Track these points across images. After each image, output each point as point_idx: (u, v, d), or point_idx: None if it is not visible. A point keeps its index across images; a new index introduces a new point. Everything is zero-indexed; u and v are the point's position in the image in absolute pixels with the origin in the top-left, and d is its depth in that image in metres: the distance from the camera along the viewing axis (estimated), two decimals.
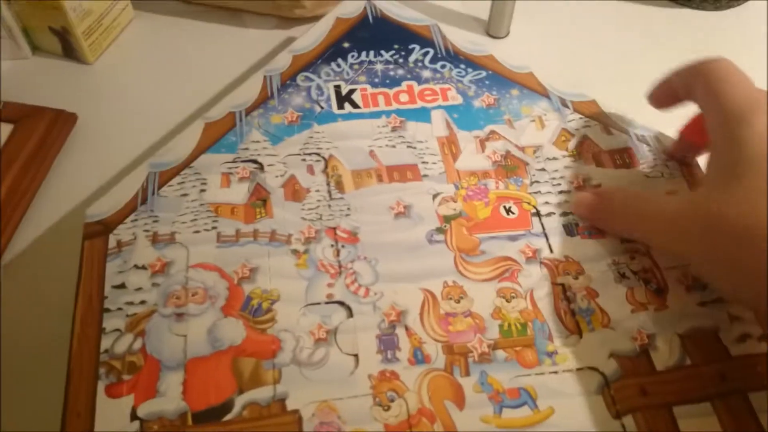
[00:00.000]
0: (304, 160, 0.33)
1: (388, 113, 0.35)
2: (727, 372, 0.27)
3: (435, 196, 0.32)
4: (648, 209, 0.28)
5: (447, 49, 0.39)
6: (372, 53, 0.38)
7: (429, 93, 0.36)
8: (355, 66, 0.38)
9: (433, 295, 0.29)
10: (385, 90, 0.37)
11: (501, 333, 0.28)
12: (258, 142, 0.34)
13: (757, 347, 0.27)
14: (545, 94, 0.37)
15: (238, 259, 0.29)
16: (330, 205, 0.31)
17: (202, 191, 0.32)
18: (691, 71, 0.30)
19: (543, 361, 0.27)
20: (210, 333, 0.27)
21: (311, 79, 0.37)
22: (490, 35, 0.46)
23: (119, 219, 0.30)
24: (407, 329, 0.27)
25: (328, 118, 0.35)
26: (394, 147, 0.34)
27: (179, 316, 0.27)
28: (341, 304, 0.28)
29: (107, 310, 0.27)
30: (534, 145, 0.34)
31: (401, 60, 0.38)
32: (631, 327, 0.28)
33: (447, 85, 0.37)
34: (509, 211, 0.32)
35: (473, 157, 0.34)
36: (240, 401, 0.25)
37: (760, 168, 0.24)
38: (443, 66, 0.38)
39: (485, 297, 0.29)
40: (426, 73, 0.38)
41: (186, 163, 0.33)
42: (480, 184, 0.33)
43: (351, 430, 0.25)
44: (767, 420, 0.25)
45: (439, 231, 0.31)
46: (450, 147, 0.34)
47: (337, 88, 0.37)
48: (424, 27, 0.40)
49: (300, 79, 0.37)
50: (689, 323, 0.28)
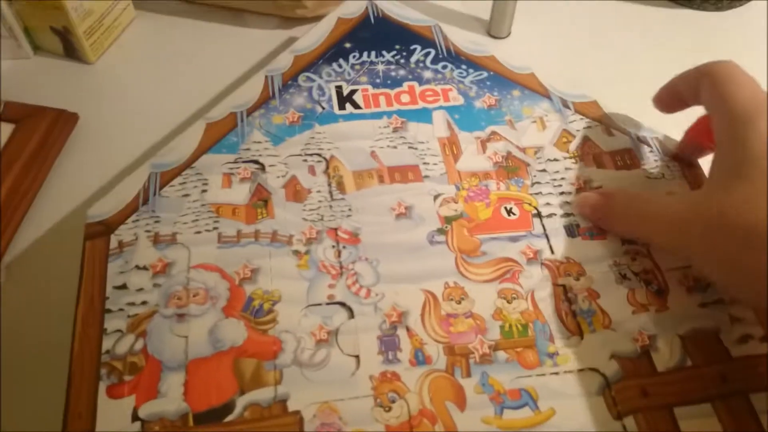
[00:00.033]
0: (305, 160, 0.33)
1: (389, 114, 0.35)
2: (728, 373, 0.27)
3: (436, 197, 0.32)
4: (649, 209, 0.28)
5: (448, 50, 0.39)
6: (373, 54, 0.38)
7: (430, 94, 0.36)
8: (357, 66, 0.38)
9: (434, 296, 0.29)
10: (387, 90, 0.37)
11: (502, 334, 0.28)
12: (259, 142, 0.34)
13: (758, 348, 0.27)
14: (546, 95, 0.37)
15: (239, 260, 0.29)
16: (331, 206, 0.31)
17: (203, 192, 0.32)
18: (697, 73, 0.30)
19: (544, 362, 0.27)
20: (211, 334, 0.27)
21: (312, 80, 0.37)
22: (491, 35, 0.46)
23: (120, 219, 0.30)
24: (408, 330, 0.28)
25: (329, 118, 0.35)
26: (395, 148, 0.34)
27: (180, 316, 0.27)
28: (342, 305, 0.28)
29: (108, 310, 0.27)
30: (535, 146, 0.34)
31: (402, 60, 0.38)
32: (632, 328, 0.28)
33: (448, 86, 0.37)
34: (510, 212, 0.32)
35: (474, 158, 0.34)
36: (241, 402, 0.25)
37: (762, 169, 0.24)
38: (444, 66, 0.38)
39: (486, 298, 0.29)
40: (427, 74, 0.38)
41: (187, 164, 0.33)
42: (481, 185, 0.33)
43: (352, 431, 0.25)
44: None
45: (440, 232, 0.31)
46: (451, 148, 0.34)
47: (339, 88, 0.37)
48: (425, 27, 0.40)
49: (301, 80, 0.37)
50: (690, 324, 0.28)
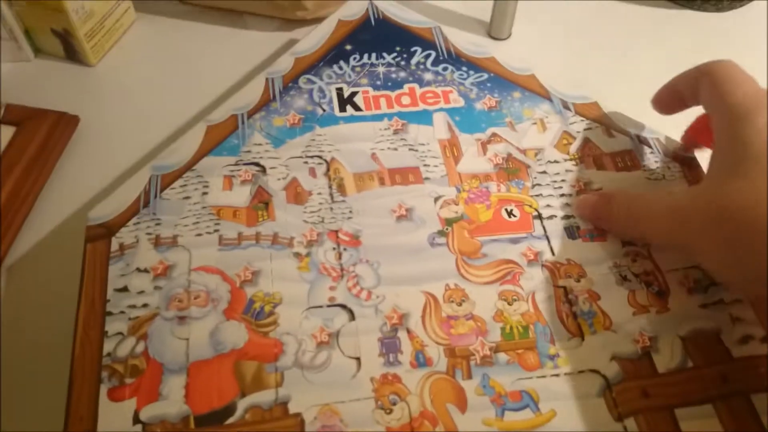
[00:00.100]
0: (306, 162, 0.33)
1: (390, 116, 0.35)
2: (729, 374, 0.27)
3: (437, 198, 0.32)
4: (649, 210, 0.29)
5: (449, 51, 0.39)
6: (374, 55, 0.38)
7: (431, 95, 0.36)
8: (357, 68, 0.38)
9: (435, 298, 0.29)
10: (387, 92, 0.37)
11: (503, 336, 0.28)
12: (260, 144, 0.34)
13: (759, 349, 0.27)
14: (547, 96, 0.37)
15: (240, 262, 0.29)
16: (332, 208, 0.31)
17: (204, 194, 0.32)
18: (697, 73, 0.30)
19: (545, 364, 0.27)
20: (212, 336, 0.27)
21: (313, 82, 0.37)
22: (491, 37, 0.46)
23: (121, 222, 0.30)
24: (409, 332, 0.28)
25: (330, 120, 0.35)
26: (395, 150, 0.34)
27: (181, 319, 0.27)
28: (343, 307, 0.28)
29: (109, 313, 0.27)
30: (535, 148, 0.34)
31: (403, 62, 0.38)
32: (633, 329, 0.28)
33: (449, 88, 0.37)
34: (511, 214, 0.32)
35: (475, 160, 0.34)
36: (242, 404, 0.25)
37: (762, 164, 0.25)
38: (445, 68, 0.38)
39: (487, 300, 0.29)
40: (428, 76, 0.38)
41: (188, 166, 0.33)
42: (481, 186, 0.33)
43: None
44: None
45: (441, 234, 0.31)
46: (452, 150, 0.34)
47: (339, 90, 0.37)
48: (425, 29, 0.40)
49: (302, 82, 0.37)
50: (691, 325, 0.28)
